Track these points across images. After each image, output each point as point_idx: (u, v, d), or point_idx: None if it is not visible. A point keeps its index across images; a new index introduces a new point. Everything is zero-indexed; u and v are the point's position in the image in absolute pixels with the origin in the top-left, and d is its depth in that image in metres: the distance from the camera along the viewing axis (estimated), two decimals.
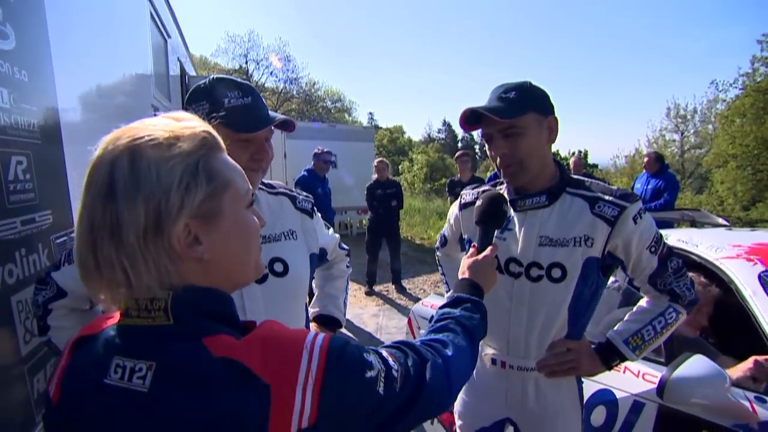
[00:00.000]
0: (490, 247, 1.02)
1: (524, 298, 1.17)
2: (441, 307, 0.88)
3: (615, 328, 1.24)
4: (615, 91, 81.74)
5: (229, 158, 0.60)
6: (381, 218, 5.64)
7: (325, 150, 4.96)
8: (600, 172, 19.53)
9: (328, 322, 1.35)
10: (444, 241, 1.52)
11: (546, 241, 1.15)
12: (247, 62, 26.68)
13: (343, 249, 1.40)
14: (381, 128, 36.69)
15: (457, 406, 1.40)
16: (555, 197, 1.17)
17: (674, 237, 1.94)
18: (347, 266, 1.44)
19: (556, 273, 1.14)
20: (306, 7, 59.42)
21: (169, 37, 3.38)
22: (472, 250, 1.04)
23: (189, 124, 0.56)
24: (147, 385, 0.49)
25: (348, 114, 30.74)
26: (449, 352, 0.70)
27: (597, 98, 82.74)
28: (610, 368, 1.22)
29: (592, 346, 1.24)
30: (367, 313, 4.89)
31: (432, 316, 2.08)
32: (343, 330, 4.35)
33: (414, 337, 2.13)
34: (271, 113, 0.99)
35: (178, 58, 3.90)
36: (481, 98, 1.20)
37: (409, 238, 9.20)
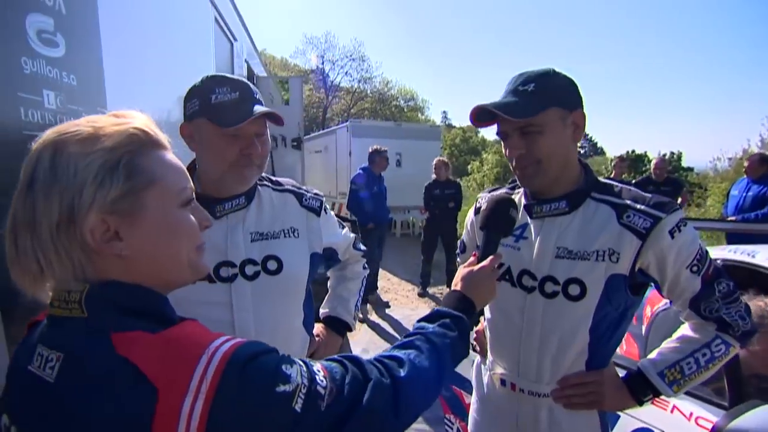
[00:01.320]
0: (491, 257, 0.91)
1: (537, 316, 1.04)
2: (419, 321, 0.80)
3: (650, 356, 1.05)
4: (720, 83, 72.13)
5: (168, 156, 0.59)
6: (438, 219, 5.53)
7: (382, 148, 4.95)
8: (696, 177, 17.40)
9: (336, 324, 1.32)
10: (463, 248, 1.42)
11: (564, 252, 1.01)
12: (323, 63, 27.72)
13: (359, 250, 1.36)
14: (454, 127, 36.17)
15: (470, 425, 1.30)
16: (577, 203, 1.02)
17: (764, 254, 1.64)
18: (364, 267, 1.40)
19: (574, 290, 0.99)
20: (382, 6, 60.27)
21: (235, 40, 3.58)
22: (472, 258, 0.94)
23: (124, 120, 0.56)
24: (54, 375, 0.50)
25: (421, 113, 30.71)
26: (403, 372, 0.63)
27: (697, 91, 73.75)
28: (641, 404, 1.03)
29: (622, 374, 1.07)
30: (417, 315, 4.77)
31: None
32: (390, 331, 4.33)
33: None
34: (259, 108, 0.96)
35: (245, 60, 4.13)
36: None
37: None
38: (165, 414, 0.46)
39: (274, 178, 1.18)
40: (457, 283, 0.88)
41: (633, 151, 20.50)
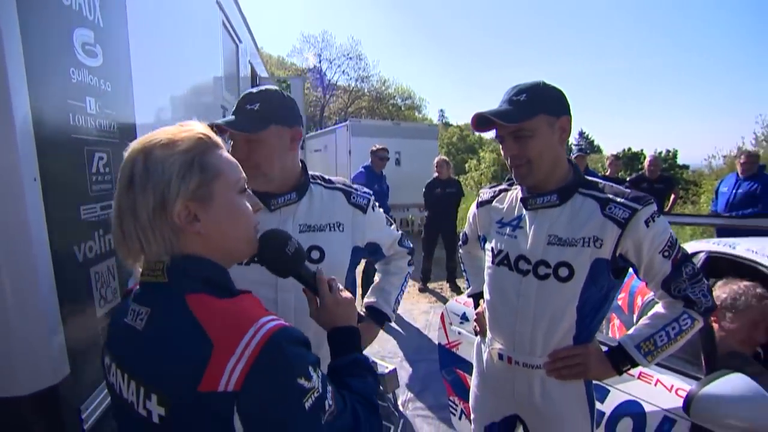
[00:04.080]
0: (319, 280, 0.89)
1: (531, 295, 1.19)
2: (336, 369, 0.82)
3: (629, 332, 1.21)
4: (714, 83, 72.57)
5: (225, 153, 0.74)
6: (438, 216, 5.66)
7: (381, 147, 5.06)
8: (691, 174, 17.58)
9: (376, 314, 1.41)
10: (465, 239, 1.57)
11: (555, 240, 1.16)
12: (320, 61, 27.77)
13: (405, 247, 1.44)
14: (451, 125, 36.26)
15: (471, 401, 1.44)
16: (566, 197, 1.18)
17: (743, 246, 1.78)
18: (409, 264, 1.48)
19: (564, 272, 1.14)
20: (380, 5, 60.26)
21: (240, 42, 3.69)
22: (309, 297, 0.92)
23: (189, 128, 0.71)
24: (143, 325, 0.66)
25: (418, 111, 30.80)
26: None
27: (693, 90, 74.08)
28: (621, 373, 1.20)
29: (604, 349, 1.22)
30: (418, 310, 4.96)
31: (464, 313, 2.10)
32: (392, 324, 4.47)
33: (446, 333, 2.17)
34: (223, 120, 1.12)
35: (249, 61, 4.23)
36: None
37: None
38: (215, 365, 0.59)
39: (327, 177, 1.31)
40: (323, 325, 0.88)
41: (629, 149, 20.68)
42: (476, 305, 1.53)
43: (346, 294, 0.89)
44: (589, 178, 1.23)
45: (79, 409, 1.17)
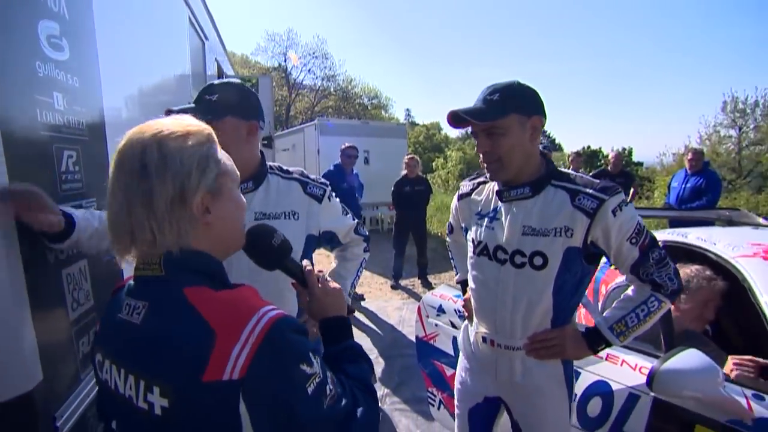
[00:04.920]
0: (308, 272, 0.90)
1: (509, 283, 1.26)
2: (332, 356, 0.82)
3: (603, 314, 1.30)
4: (663, 85, 77.12)
5: (221, 149, 0.75)
6: (408, 214, 5.72)
7: (349, 145, 5.08)
8: (645, 171, 18.60)
9: None
10: (451, 229, 1.66)
11: (529, 230, 1.23)
12: (285, 60, 27.35)
13: (360, 234, 1.51)
14: (418, 125, 36.57)
15: (456, 383, 1.50)
16: (539, 189, 1.24)
17: (694, 235, 1.92)
18: (365, 250, 1.54)
19: (538, 261, 1.21)
20: (345, 4, 60.00)
21: (206, 39, 3.60)
22: (298, 290, 0.93)
23: (194, 122, 0.71)
24: (140, 319, 0.66)
25: (384, 111, 30.88)
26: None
27: (643, 93, 78.37)
28: (596, 352, 1.29)
29: (581, 331, 1.30)
30: (391, 306, 5.01)
31: (440, 305, 2.15)
32: (366, 321, 4.49)
33: (423, 326, 2.22)
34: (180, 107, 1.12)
35: (215, 59, 4.14)
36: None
37: (440, 234, 9.23)
38: (220, 352, 0.60)
39: (284, 167, 1.35)
40: (314, 316, 0.89)
41: (588, 147, 21.62)
42: (464, 291, 1.60)
43: (334, 284, 0.91)
44: (562, 170, 1.30)
45: (54, 416, 1.13)
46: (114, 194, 0.66)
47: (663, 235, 2.10)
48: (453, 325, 2.03)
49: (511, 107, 1.17)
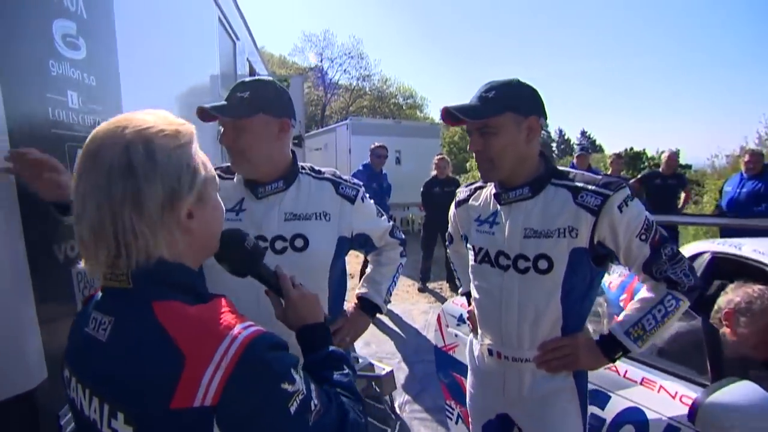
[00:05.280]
0: (281, 278, 0.86)
1: (513, 290, 1.19)
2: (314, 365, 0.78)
3: (617, 319, 1.19)
4: (716, 82, 72.18)
5: None
6: (437, 215, 5.60)
7: (379, 145, 5.02)
8: (694, 174, 17.47)
9: (366, 305, 1.39)
10: (451, 239, 1.58)
11: (531, 233, 1.16)
12: (321, 60, 27.73)
13: (396, 238, 1.44)
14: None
15: (467, 399, 1.43)
16: (538, 189, 1.17)
17: (749, 247, 1.73)
18: (401, 255, 1.47)
19: (543, 264, 1.14)
20: (381, 4, 60.16)
21: (237, 39, 3.64)
22: (272, 299, 0.90)
23: (177, 119, 0.65)
24: (106, 336, 0.60)
25: (420, 110, 30.73)
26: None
27: (693, 90, 73.74)
28: (613, 360, 1.20)
29: (595, 339, 1.20)
30: (417, 310, 4.91)
31: (461, 315, 2.04)
32: (391, 325, 4.42)
33: (442, 336, 2.12)
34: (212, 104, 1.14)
35: (247, 59, 4.19)
36: (561, 91, 1.22)
37: None
38: (189, 377, 0.54)
39: (316, 168, 1.31)
40: (290, 325, 0.84)
41: (631, 149, 20.55)
42: (469, 303, 1.51)
43: (308, 290, 0.86)
44: (561, 168, 1.22)
45: (58, 415, 1.13)
46: (86, 199, 0.58)
47: (712, 246, 1.90)
48: (471, 331, 1.92)
49: (507, 106, 1.11)
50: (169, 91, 2.10)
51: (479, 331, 1.34)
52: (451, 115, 1.14)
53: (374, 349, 3.81)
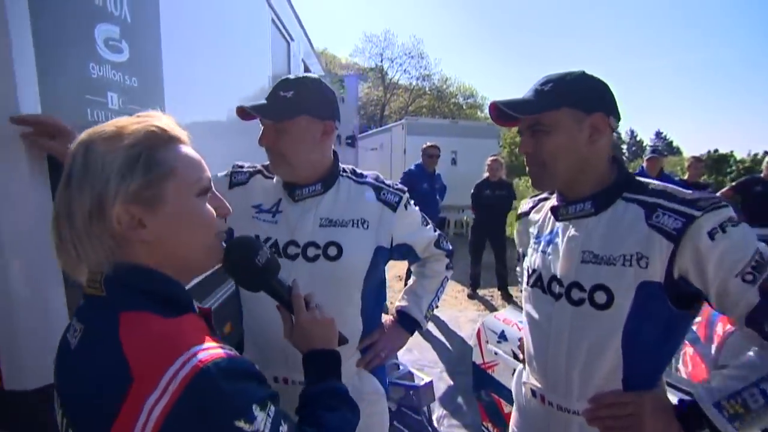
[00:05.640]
0: (295, 297, 0.80)
1: (564, 324, 0.98)
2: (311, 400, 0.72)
3: (709, 382, 0.91)
4: None
5: (184, 149, 0.64)
6: (486, 219, 5.38)
7: (431, 144, 4.89)
8: None
9: (405, 320, 1.31)
10: (518, 257, 1.35)
11: (590, 257, 0.94)
12: (382, 60, 27.95)
13: (443, 249, 1.32)
14: None
15: None
16: (605, 204, 0.96)
17: None
18: (447, 267, 1.36)
19: (601, 298, 0.92)
20: (442, 3, 59.43)
21: (292, 40, 3.71)
22: (283, 314, 0.84)
23: (145, 119, 0.61)
24: (75, 343, 0.57)
25: (480, 110, 29.96)
26: None
27: None
28: None
29: (674, 402, 0.94)
30: (465, 317, 4.72)
31: (502, 331, 1.90)
32: (435, 332, 4.28)
33: (482, 352, 1.98)
34: (252, 104, 1.08)
35: (302, 60, 4.26)
36: (633, 89, 1.04)
37: None
38: (133, 402, 0.49)
39: (358, 171, 1.24)
40: (297, 346, 0.80)
41: (716, 151, 18.53)
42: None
43: (326, 313, 0.79)
44: (641, 178, 0.99)
45: None
46: (54, 207, 0.60)
47: None
48: (516, 357, 1.76)
49: (565, 100, 0.93)
50: (217, 93, 2.15)
51: (526, 367, 1.15)
52: (501, 112, 0.98)
53: (416, 356, 3.71)
